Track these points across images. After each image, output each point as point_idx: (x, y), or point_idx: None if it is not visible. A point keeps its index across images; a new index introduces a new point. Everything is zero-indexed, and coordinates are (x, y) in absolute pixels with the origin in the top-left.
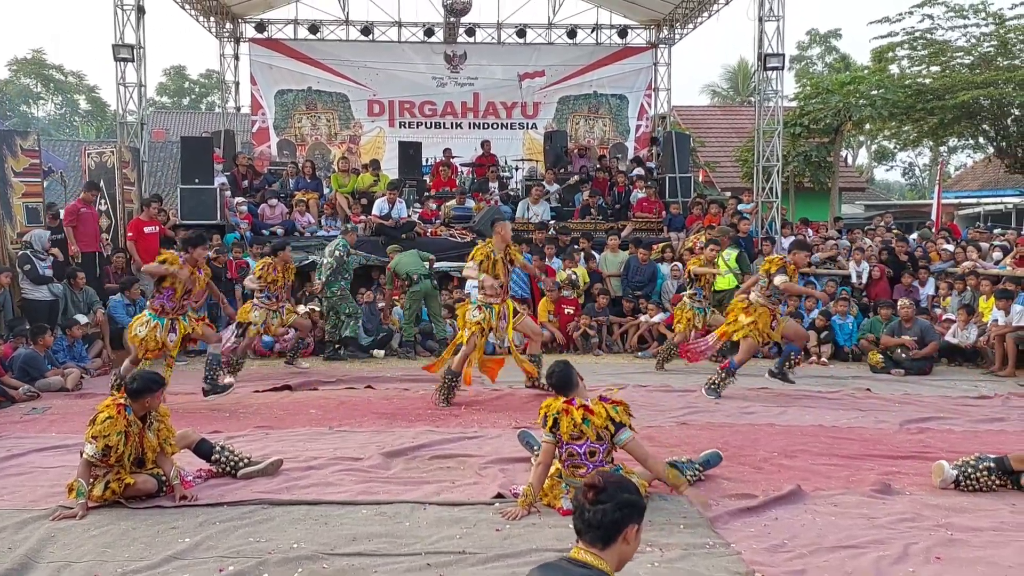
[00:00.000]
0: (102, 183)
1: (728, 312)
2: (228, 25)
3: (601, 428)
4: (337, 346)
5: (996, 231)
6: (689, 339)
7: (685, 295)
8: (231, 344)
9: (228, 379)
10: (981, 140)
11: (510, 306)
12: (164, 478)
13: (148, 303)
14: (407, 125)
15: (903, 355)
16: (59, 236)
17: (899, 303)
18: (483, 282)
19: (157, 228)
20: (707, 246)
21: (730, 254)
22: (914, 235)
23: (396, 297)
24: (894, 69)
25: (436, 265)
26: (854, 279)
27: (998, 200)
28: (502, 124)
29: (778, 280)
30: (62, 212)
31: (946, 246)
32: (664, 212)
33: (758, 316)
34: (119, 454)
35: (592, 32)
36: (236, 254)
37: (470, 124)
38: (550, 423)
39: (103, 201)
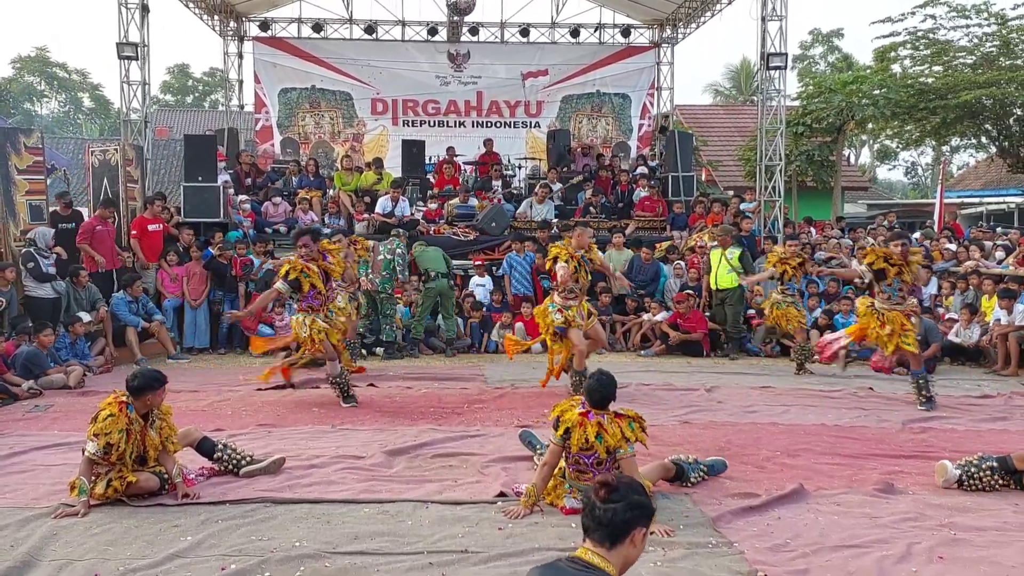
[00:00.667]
0: (105, 181)
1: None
2: (232, 23)
3: (613, 446)
4: (385, 345)
5: (999, 230)
6: (807, 333)
7: (775, 293)
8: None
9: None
10: (983, 140)
11: (585, 307)
12: (166, 476)
13: (296, 307)
14: (410, 124)
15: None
16: (70, 226)
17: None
18: (562, 281)
19: (161, 226)
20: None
21: (732, 253)
22: (917, 234)
23: (399, 295)
24: (896, 69)
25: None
26: (856, 278)
27: (1000, 200)
28: (505, 123)
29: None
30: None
31: (948, 245)
32: (667, 211)
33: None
34: (120, 452)
35: (595, 31)
36: (239, 252)
37: (473, 123)
38: (561, 430)
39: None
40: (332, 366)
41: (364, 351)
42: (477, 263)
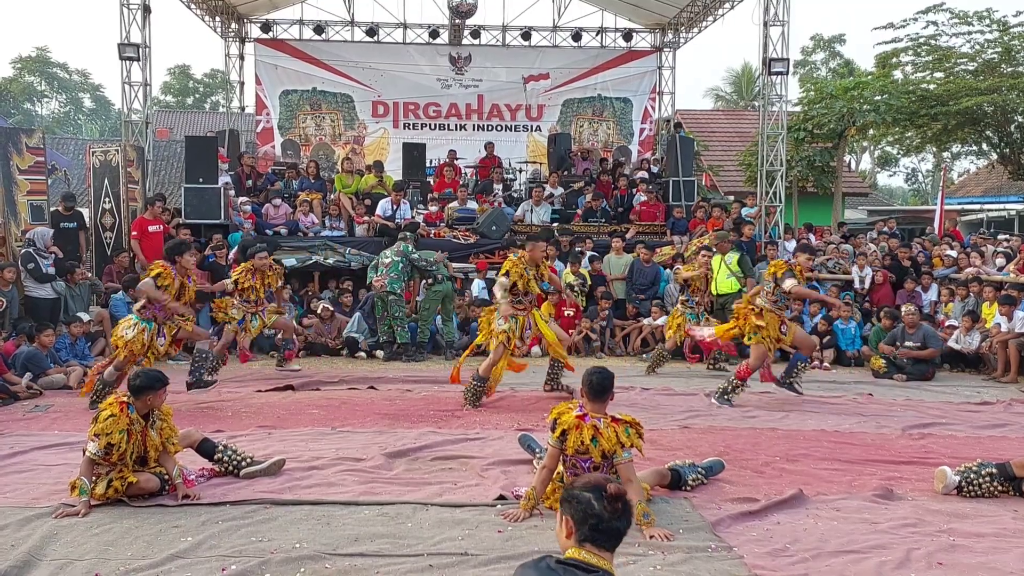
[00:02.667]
0: (106, 182)
1: (735, 315)
2: (233, 25)
3: (608, 451)
4: (396, 348)
5: (1000, 237)
6: (679, 344)
7: (678, 302)
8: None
9: (210, 377)
10: (984, 146)
11: (535, 316)
12: (167, 477)
13: (136, 307)
14: (411, 126)
15: (905, 360)
16: (71, 225)
17: (903, 309)
18: (501, 305)
19: (161, 227)
20: (698, 253)
21: (731, 257)
22: (922, 238)
23: (408, 298)
24: (898, 75)
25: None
26: (857, 284)
27: (1001, 206)
28: (506, 126)
29: (788, 284)
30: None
31: (949, 252)
32: (665, 216)
33: (767, 322)
34: (121, 452)
35: (597, 35)
36: (238, 254)
37: (474, 126)
38: (558, 433)
39: (107, 200)
40: (205, 342)
41: (364, 353)
42: (480, 268)
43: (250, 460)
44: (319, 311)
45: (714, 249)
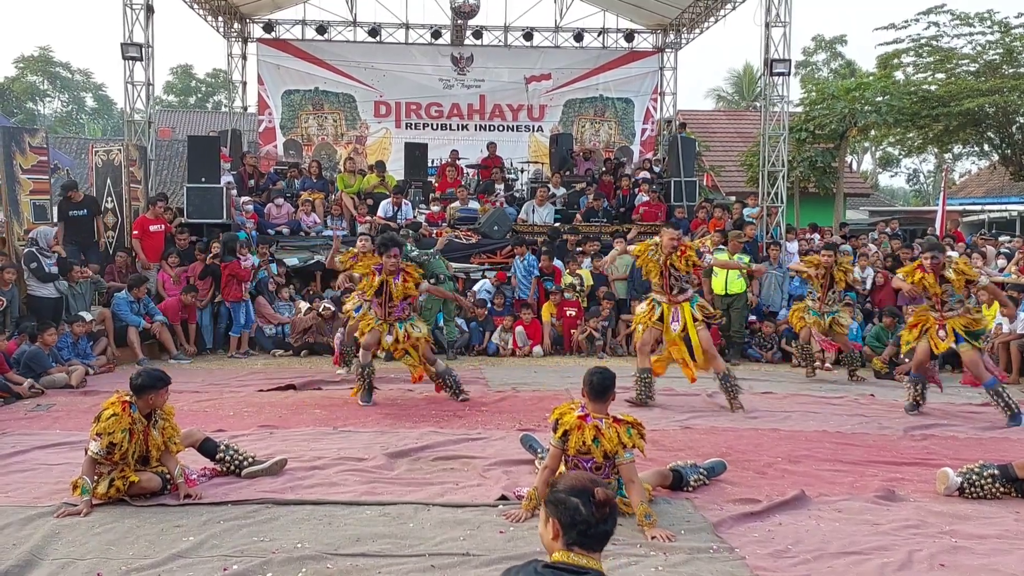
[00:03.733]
0: (108, 181)
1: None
2: (236, 25)
3: (610, 451)
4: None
5: (1002, 239)
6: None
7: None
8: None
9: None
10: (986, 147)
11: (685, 309)
12: (168, 476)
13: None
14: (413, 126)
15: (906, 359)
16: (81, 213)
17: (905, 310)
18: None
19: (162, 227)
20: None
21: (741, 259)
22: (924, 239)
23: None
24: (899, 76)
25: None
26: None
27: (1003, 207)
28: (508, 126)
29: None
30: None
31: (951, 253)
32: (667, 216)
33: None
34: (124, 451)
35: (599, 36)
36: (242, 253)
37: (476, 126)
38: (559, 433)
39: (109, 199)
40: (364, 355)
41: None
42: (478, 267)
43: (252, 460)
44: (320, 310)
45: (730, 248)
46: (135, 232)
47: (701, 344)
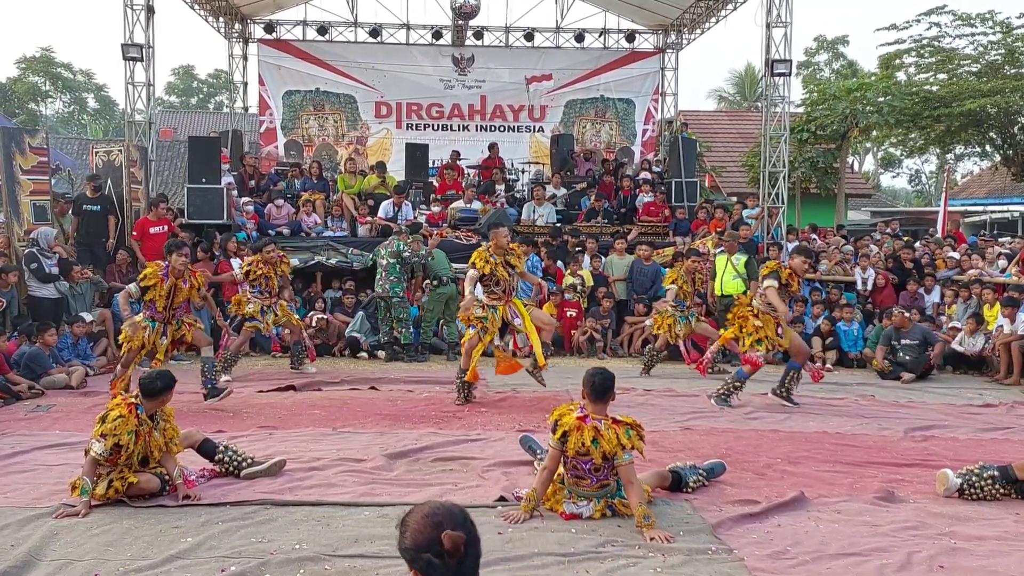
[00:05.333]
0: (109, 182)
1: (734, 318)
2: (237, 25)
3: (609, 452)
4: (396, 348)
5: (1003, 239)
6: (672, 343)
7: (668, 302)
8: (226, 339)
9: (225, 377)
10: (988, 148)
11: (518, 304)
12: (167, 477)
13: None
14: (414, 127)
15: (906, 356)
16: (94, 208)
17: (895, 311)
18: (471, 297)
19: (165, 228)
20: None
21: (739, 259)
22: (926, 239)
23: (410, 297)
24: (901, 76)
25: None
26: (859, 285)
27: (1004, 208)
28: (509, 127)
29: (765, 284)
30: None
31: (952, 254)
32: (670, 216)
33: (763, 322)
34: (129, 453)
35: (600, 36)
36: (245, 254)
37: (477, 127)
38: (559, 434)
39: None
40: (207, 350)
41: (366, 354)
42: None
43: (251, 461)
44: (314, 323)
45: (721, 248)
46: (134, 233)
47: None
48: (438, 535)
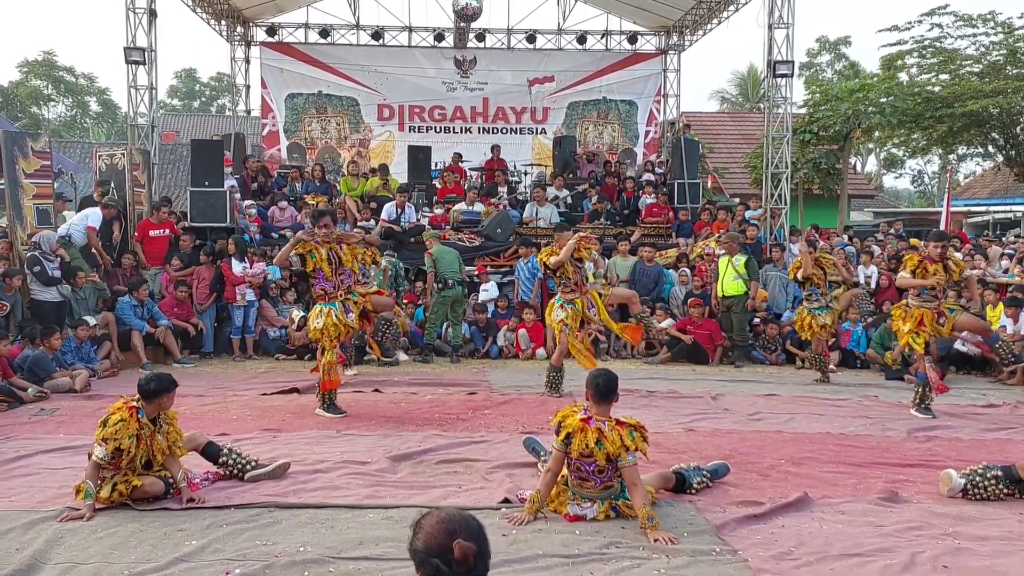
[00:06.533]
0: (112, 185)
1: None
2: (239, 29)
3: (613, 454)
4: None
5: (1005, 239)
6: (827, 344)
7: (802, 301)
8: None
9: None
10: (990, 148)
11: (594, 295)
12: (171, 480)
13: (311, 294)
14: (417, 129)
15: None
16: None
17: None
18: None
19: (166, 231)
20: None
21: (739, 260)
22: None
23: (408, 300)
24: (903, 77)
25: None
26: (862, 280)
27: (1007, 208)
28: (511, 129)
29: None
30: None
31: (955, 254)
32: (673, 218)
33: (920, 317)
34: (131, 457)
35: (602, 38)
36: (250, 259)
37: (480, 129)
38: (562, 436)
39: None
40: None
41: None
42: (479, 273)
43: (255, 463)
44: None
45: (723, 250)
46: (136, 235)
47: None
48: (450, 543)
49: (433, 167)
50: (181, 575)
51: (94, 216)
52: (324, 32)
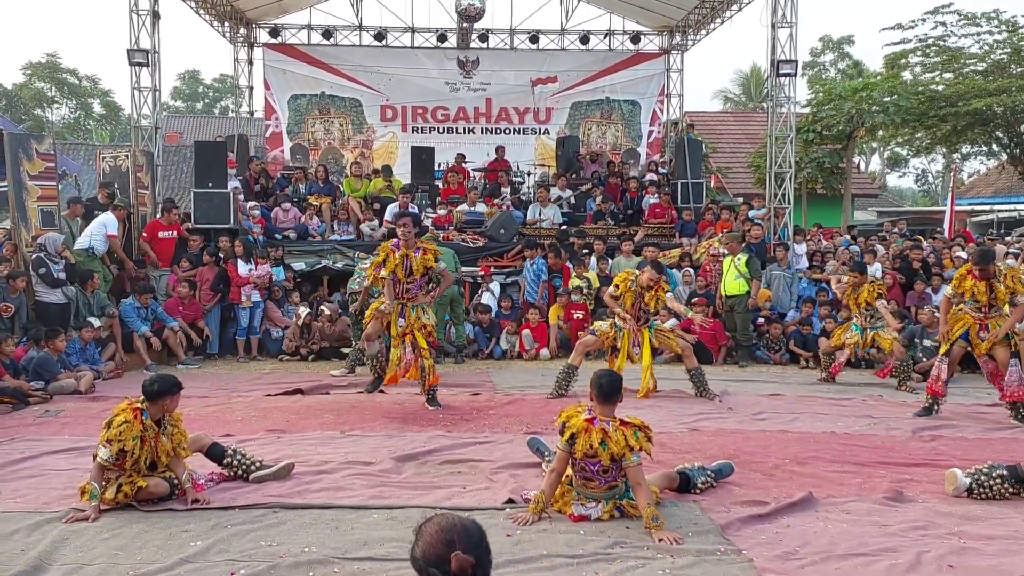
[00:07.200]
0: (116, 187)
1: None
2: (242, 30)
3: (617, 454)
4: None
5: (1010, 238)
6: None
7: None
8: None
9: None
10: (994, 147)
11: (645, 336)
12: (176, 481)
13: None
14: (420, 130)
15: (924, 358)
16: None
17: (925, 308)
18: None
19: (174, 233)
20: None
21: (740, 259)
22: (932, 239)
23: None
24: (907, 76)
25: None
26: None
27: (1012, 207)
28: (514, 129)
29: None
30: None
31: (960, 253)
32: (676, 218)
33: (966, 323)
34: (136, 458)
35: (605, 38)
36: (257, 260)
37: (483, 129)
38: (567, 436)
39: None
40: (370, 346)
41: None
42: (484, 273)
43: (259, 464)
44: (328, 311)
45: (725, 249)
46: (144, 235)
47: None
48: (448, 554)
49: (436, 168)
50: None
51: (111, 223)
52: (327, 33)
